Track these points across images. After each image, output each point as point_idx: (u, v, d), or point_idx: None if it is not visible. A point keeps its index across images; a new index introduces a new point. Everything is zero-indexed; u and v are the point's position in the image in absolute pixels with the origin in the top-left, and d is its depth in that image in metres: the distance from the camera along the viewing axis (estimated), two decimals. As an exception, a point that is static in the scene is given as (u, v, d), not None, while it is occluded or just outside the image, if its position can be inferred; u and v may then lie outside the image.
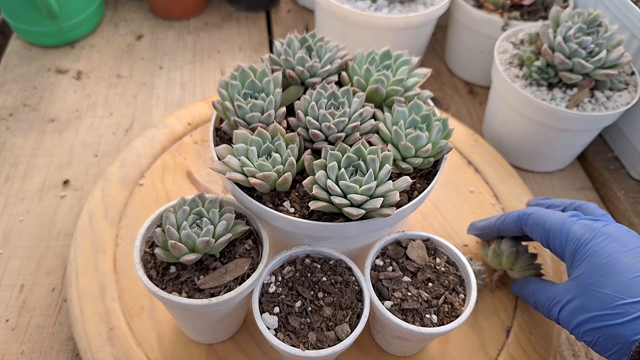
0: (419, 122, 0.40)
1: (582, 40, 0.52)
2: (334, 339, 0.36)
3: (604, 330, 0.34)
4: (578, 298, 0.36)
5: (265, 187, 0.37)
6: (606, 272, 0.35)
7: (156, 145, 0.59)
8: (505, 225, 0.45)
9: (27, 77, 0.71)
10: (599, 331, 0.34)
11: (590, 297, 0.35)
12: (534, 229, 0.42)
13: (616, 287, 0.34)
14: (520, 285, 0.46)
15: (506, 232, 0.45)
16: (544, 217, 0.41)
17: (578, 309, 0.36)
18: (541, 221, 0.41)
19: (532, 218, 0.42)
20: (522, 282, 0.45)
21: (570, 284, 0.37)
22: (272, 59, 0.45)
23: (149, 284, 0.36)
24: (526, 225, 0.43)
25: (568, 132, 0.57)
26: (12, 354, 0.45)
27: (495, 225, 0.46)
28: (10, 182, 0.58)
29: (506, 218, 0.45)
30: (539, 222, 0.41)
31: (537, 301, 0.41)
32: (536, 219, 0.42)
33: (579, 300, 0.36)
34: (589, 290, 0.35)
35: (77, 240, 0.49)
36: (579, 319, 0.36)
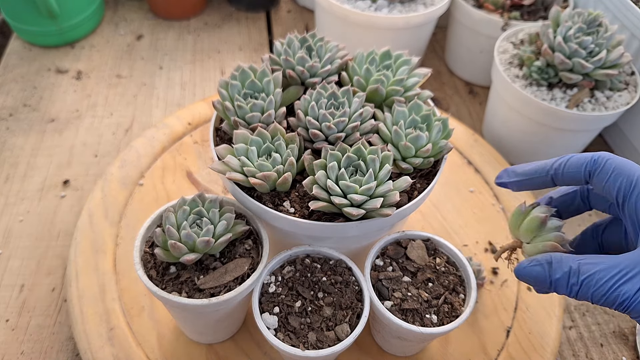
0: (419, 122, 0.40)
1: (582, 40, 0.52)
2: (334, 339, 0.36)
3: None
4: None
5: (265, 187, 0.37)
6: None
7: (156, 145, 0.59)
8: (567, 170, 0.33)
9: (27, 77, 0.71)
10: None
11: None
12: (613, 178, 0.31)
13: None
14: (542, 259, 0.32)
15: (564, 179, 0.34)
16: (630, 166, 0.31)
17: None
18: (627, 169, 0.31)
19: (613, 163, 0.32)
20: (549, 258, 0.32)
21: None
22: (272, 59, 0.45)
23: (148, 284, 0.36)
24: (600, 172, 0.32)
25: (568, 132, 0.57)
26: (12, 354, 0.45)
27: (551, 168, 0.34)
28: (10, 182, 0.58)
29: (570, 159, 0.34)
30: (624, 170, 0.31)
31: (592, 277, 0.29)
32: (619, 165, 0.31)
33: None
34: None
35: (77, 240, 0.49)
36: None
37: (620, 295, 0.29)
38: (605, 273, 0.29)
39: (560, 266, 0.31)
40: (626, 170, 0.31)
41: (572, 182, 0.34)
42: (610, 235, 0.36)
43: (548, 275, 0.31)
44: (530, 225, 0.34)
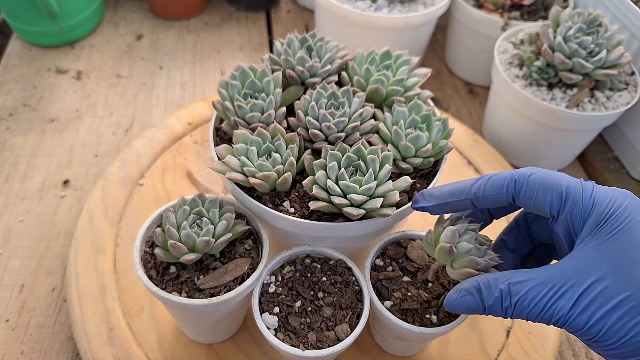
0: (419, 122, 0.40)
1: (582, 40, 0.52)
2: (334, 339, 0.36)
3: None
4: (607, 280, 0.26)
5: (265, 187, 0.37)
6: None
7: (156, 145, 0.59)
8: (487, 193, 0.32)
9: (27, 77, 0.71)
10: None
11: (626, 282, 0.26)
12: (542, 195, 0.30)
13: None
14: (470, 287, 0.31)
15: (485, 202, 0.32)
16: (557, 177, 0.30)
17: (608, 295, 0.26)
18: (554, 181, 0.30)
19: (537, 179, 0.30)
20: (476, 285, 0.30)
21: (592, 261, 0.27)
22: (272, 59, 0.45)
23: (148, 284, 0.36)
24: (526, 191, 0.30)
25: (568, 132, 0.57)
26: (12, 354, 0.45)
27: (469, 191, 0.32)
28: (10, 182, 0.58)
29: (489, 181, 0.32)
30: (550, 184, 0.30)
31: (525, 297, 0.28)
32: (544, 179, 0.30)
33: (609, 283, 0.26)
34: (624, 273, 0.26)
35: (77, 240, 0.49)
36: (606, 308, 0.26)
37: (555, 313, 0.27)
38: (537, 291, 0.28)
39: (490, 292, 0.29)
40: (553, 183, 0.30)
41: (494, 205, 0.32)
42: (540, 226, 0.36)
43: (480, 303, 0.30)
44: (440, 255, 0.33)
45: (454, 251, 0.32)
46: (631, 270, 0.26)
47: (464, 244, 0.32)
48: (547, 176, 0.30)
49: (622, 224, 0.27)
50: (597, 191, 0.29)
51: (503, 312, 0.29)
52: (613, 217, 0.28)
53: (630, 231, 0.27)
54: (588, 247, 0.28)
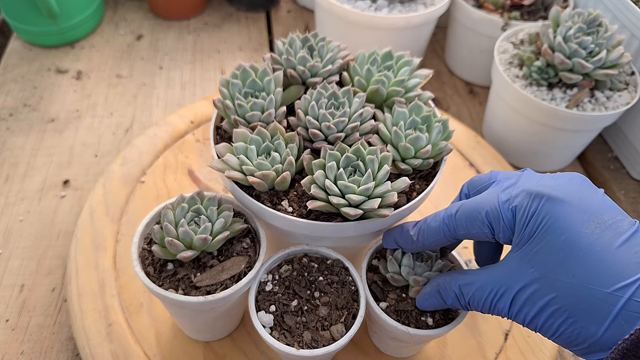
0: (419, 123, 0.40)
1: (582, 40, 0.52)
2: (329, 338, 0.36)
3: (572, 324, 0.27)
4: (535, 284, 0.28)
5: (264, 185, 0.37)
6: (566, 254, 0.27)
7: (158, 143, 0.59)
8: (429, 239, 0.35)
9: (27, 77, 0.71)
10: (565, 324, 0.27)
11: (550, 285, 0.28)
12: (471, 227, 0.32)
13: (581, 273, 0.27)
14: (432, 290, 0.35)
15: (433, 245, 0.35)
16: (475, 207, 0.32)
17: (536, 299, 0.28)
18: (474, 213, 0.32)
19: (462, 215, 0.32)
20: (436, 287, 0.35)
21: (520, 266, 0.29)
22: (274, 58, 0.45)
23: (145, 281, 0.36)
24: (457, 229, 0.33)
25: (568, 132, 0.57)
26: (12, 353, 0.45)
27: (416, 241, 0.36)
28: (11, 182, 0.58)
29: (427, 229, 0.35)
30: (473, 216, 0.32)
31: (473, 297, 0.32)
32: (467, 213, 0.32)
33: (537, 288, 0.28)
34: (547, 277, 0.28)
35: (78, 237, 0.49)
36: (535, 310, 0.28)
37: (500, 311, 0.31)
38: (480, 293, 0.31)
39: (447, 293, 0.34)
40: (475, 215, 0.32)
41: (442, 244, 0.35)
42: None
43: (443, 302, 0.35)
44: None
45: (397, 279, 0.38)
46: (553, 274, 0.28)
47: (403, 270, 0.38)
48: (470, 209, 0.32)
49: (537, 230, 0.29)
50: (513, 203, 0.30)
51: (464, 307, 0.34)
52: (528, 225, 0.29)
53: (546, 236, 0.28)
54: (517, 252, 0.30)
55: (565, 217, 0.28)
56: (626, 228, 0.27)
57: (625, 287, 0.25)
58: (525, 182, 0.31)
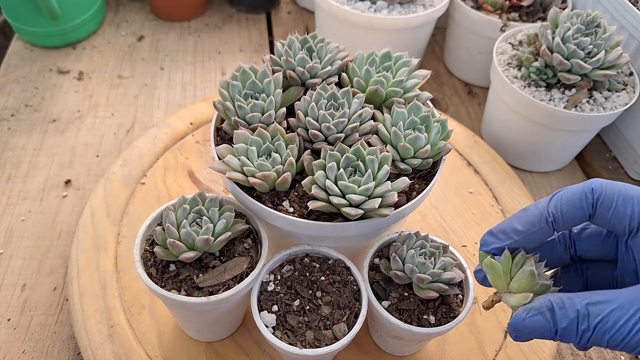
0: (418, 123, 0.40)
1: (580, 41, 0.52)
2: (332, 337, 0.36)
3: None
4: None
5: (265, 186, 0.37)
6: None
7: (158, 144, 0.59)
8: (564, 208, 0.28)
9: (28, 78, 0.71)
10: None
11: None
12: (621, 206, 0.27)
13: None
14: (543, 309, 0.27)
15: (564, 222, 0.29)
16: (636, 191, 0.27)
17: None
18: (635, 193, 0.27)
19: (615, 189, 0.27)
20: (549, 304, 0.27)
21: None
22: (273, 60, 0.45)
23: (148, 282, 0.36)
24: (604, 200, 0.27)
25: (566, 133, 0.57)
26: (13, 352, 0.45)
27: (547, 212, 0.29)
28: (12, 182, 0.58)
29: (563, 196, 0.28)
30: (631, 195, 0.27)
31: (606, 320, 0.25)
32: (622, 190, 0.27)
33: None
34: None
35: (79, 238, 0.50)
36: None
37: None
38: (621, 313, 0.24)
39: (566, 312, 0.26)
40: (635, 194, 0.27)
41: (572, 224, 0.29)
42: (597, 272, 0.32)
43: (552, 325, 0.26)
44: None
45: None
46: None
47: (406, 268, 0.33)
48: (626, 187, 0.27)
49: None
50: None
51: (578, 337, 0.25)
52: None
53: None
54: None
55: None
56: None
57: None
58: None
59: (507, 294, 0.29)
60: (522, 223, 0.29)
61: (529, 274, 0.28)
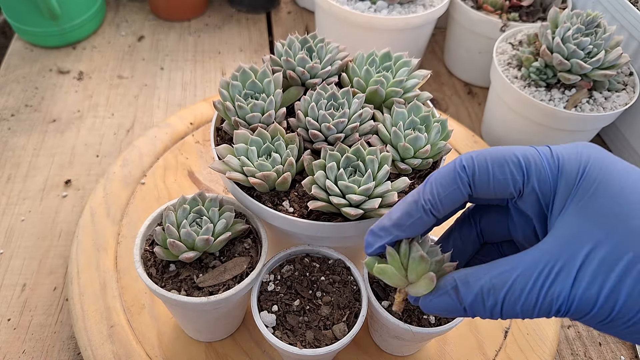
0: (418, 123, 0.40)
1: (580, 41, 0.52)
2: (332, 337, 0.36)
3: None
4: (604, 246, 0.22)
5: (265, 186, 0.37)
6: None
7: (158, 144, 0.59)
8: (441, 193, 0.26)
9: (28, 78, 0.71)
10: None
11: (628, 240, 0.22)
12: (497, 172, 0.25)
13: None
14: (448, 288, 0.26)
15: (444, 206, 0.26)
16: (504, 150, 0.25)
17: (611, 264, 0.22)
18: (505, 155, 0.25)
19: (486, 157, 0.25)
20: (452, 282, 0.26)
21: (581, 228, 0.23)
22: (273, 60, 0.45)
23: (148, 282, 0.36)
24: (479, 173, 0.25)
25: (566, 133, 0.57)
26: (13, 352, 0.45)
27: (424, 201, 0.27)
28: (12, 182, 0.58)
29: (436, 180, 0.26)
30: (503, 158, 0.25)
31: (512, 290, 0.23)
32: (493, 156, 0.25)
33: (610, 245, 0.22)
34: (622, 232, 0.22)
35: (79, 238, 0.50)
36: (613, 279, 0.22)
37: (555, 299, 0.23)
38: (525, 278, 0.23)
39: (470, 289, 0.24)
40: (506, 156, 0.25)
41: (452, 207, 0.27)
42: (491, 222, 0.30)
43: (459, 303, 0.25)
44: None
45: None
46: (626, 226, 0.22)
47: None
48: (496, 151, 0.25)
49: (597, 177, 0.23)
50: (557, 151, 0.25)
51: (488, 312, 0.24)
52: (586, 173, 0.23)
53: (609, 183, 0.23)
54: (569, 214, 0.23)
55: (620, 161, 0.24)
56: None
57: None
58: None
59: (410, 286, 0.28)
60: (400, 216, 0.27)
61: (419, 260, 0.27)
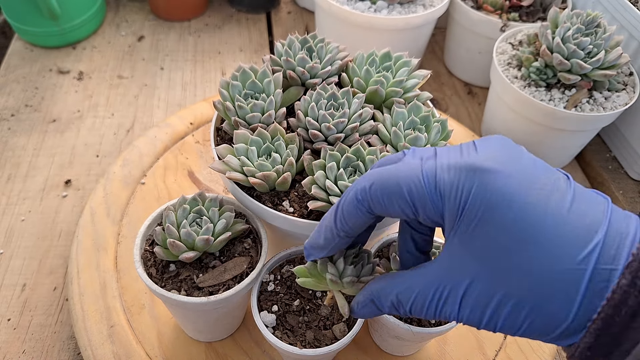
0: (418, 123, 0.40)
1: (580, 41, 0.52)
2: (331, 337, 0.36)
3: (537, 316, 0.23)
4: (481, 280, 0.24)
5: (265, 186, 0.37)
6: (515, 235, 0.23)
7: (158, 144, 0.59)
8: (349, 222, 0.28)
9: (28, 78, 0.71)
10: (529, 318, 0.23)
11: (501, 277, 0.23)
12: (390, 205, 0.26)
13: (537, 253, 0.22)
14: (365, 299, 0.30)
15: (357, 231, 0.29)
16: (395, 181, 0.25)
17: (487, 297, 0.24)
18: (394, 187, 0.25)
19: (377, 190, 0.26)
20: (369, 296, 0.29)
21: (462, 258, 0.24)
22: (273, 60, 0.45)
23: (148, 282, 0.36)
24: (374, 205, 0.26)
25: (566, 133, 0.57)
26: (13, 353, 0.45)
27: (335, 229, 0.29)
28: (12, 182, 0.58)
29: (344, 210, 0.28)
30: (392, 191, 0.25)
31: (415, 305, 0.26)
32: (384, 187, 0.26)
33: (485, 284, 0.24)
34: (496, 268, 0.23)
35: (79, 238, 0.50)
36: (490, 311, 0.24)
37: (448, 316, 0.26)
38: (423, 298, 0.26)
39: (382, 303, 0.28)
40: (393, 190, 0.25)
41: (366, 226, 0.28)
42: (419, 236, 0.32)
43: (380, 311, 0.29)
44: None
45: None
46: (500, 264, 0.23)
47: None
48: (386, 183, 0.26)
49: (478, 213, 0.23)
50: (440, 181, 0.24)
51: (404, 315, 0.28)
52: (467, 207, 0.24)
53: (490, 218, 0.23)
54: (454, 244, 0.25)
55: (506, 191, 0.23)
56: (565, 186, 0.23)
57: (587, 256, 0.21)
58: (447, 155, 0.25)
59: (339, 293, 0.32)
60: (321, 241, 0.30)
61: (330, 282, 0.31)
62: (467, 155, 0.25)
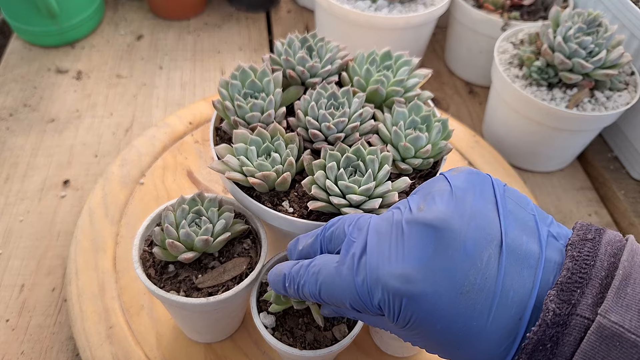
0: (419, 123, 0.40)
1: (582, 40, 0.52)
2: (331, 339, 0.36)
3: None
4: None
5: (264, 186, 0.37)
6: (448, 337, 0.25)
7: (157, 144, 0.59)
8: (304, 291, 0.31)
9: (27, 77, 0.71)
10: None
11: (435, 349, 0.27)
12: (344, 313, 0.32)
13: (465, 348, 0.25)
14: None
15: None
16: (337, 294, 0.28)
17: None
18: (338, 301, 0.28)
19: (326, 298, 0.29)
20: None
21: None
22: (273, 59, 0.45)
23: (147, 283, 0.36)
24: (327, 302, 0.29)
25: (568, 132, 0.57)
26: (12, 353, 0.45)
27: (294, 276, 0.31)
28: (11, 182, 0.58)
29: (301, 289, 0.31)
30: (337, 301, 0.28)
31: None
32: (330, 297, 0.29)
33: None
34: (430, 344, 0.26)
35: (78, 239, 0.49)
36: None
37: None
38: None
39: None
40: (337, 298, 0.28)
41: None
42: None
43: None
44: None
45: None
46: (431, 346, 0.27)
47: None
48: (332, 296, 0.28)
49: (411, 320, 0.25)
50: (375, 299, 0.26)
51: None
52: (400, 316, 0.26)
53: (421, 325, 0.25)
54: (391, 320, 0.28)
55: (434, 308, 0.24)
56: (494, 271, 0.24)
57: (509, 345, 0.23)
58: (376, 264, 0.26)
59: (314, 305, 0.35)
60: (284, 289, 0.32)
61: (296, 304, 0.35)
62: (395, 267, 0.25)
